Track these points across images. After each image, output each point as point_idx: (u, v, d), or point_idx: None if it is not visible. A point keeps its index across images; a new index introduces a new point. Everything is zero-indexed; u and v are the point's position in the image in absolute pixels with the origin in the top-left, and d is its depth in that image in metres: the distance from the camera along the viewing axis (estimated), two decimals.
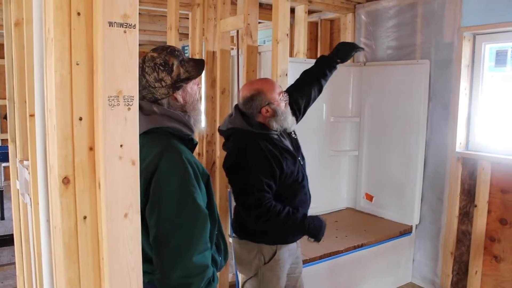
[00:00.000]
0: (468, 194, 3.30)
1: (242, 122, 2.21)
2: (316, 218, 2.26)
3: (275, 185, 2.19)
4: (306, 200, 2.38)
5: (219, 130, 2.40)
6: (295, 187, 2.30)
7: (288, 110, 2.27)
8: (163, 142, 1.50)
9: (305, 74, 2.62)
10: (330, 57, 2.61)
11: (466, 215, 3.33)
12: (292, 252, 2.39)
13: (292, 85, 2.60)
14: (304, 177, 2.36)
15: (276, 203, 2.18)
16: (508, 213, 3.09)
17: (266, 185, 2.15)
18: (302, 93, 2.53)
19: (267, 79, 2.35)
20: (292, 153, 2.28)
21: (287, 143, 2.33)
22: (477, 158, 3.21)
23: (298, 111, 2.52)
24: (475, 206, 3.23)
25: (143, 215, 1.41)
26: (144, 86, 1.53)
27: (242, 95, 2.25)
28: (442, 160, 3.40)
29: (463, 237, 3.35)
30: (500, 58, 3.14)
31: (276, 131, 2.25)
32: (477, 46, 3.24)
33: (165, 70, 1.53)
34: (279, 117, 2.20)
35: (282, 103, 2.22)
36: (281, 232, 2.28)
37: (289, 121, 2.25)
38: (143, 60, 1.54)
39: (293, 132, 2.40)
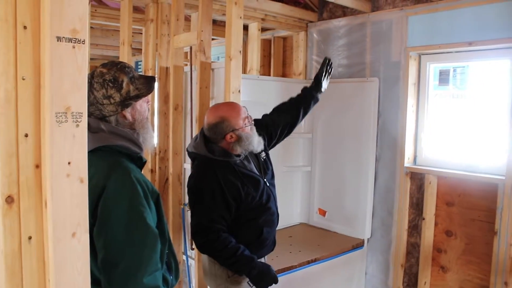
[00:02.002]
0: (417, 207, 3.40)
1: (204, 149, 2.23)
2: (265, 266, 2.26)
3: (230, 216, 2.21)
4: (272, 220, 2.40)
5: (187, 150, 2.41)
6: (259, 209, 2.32)
7: (254, 132, 2.29)
8: (111, 160, 1.45)
9: (290, 101, 2.71)
10: (310, 88, 2.75)
11: (415, 228, 3.43)
12: None
13: (275, 108, 2.68)
14: (270, 197, 2.38)
15: (227, 236, 2.18)
16: (453, 225, 3.22)
17: (218, 216, 2.17)
18: (280, 119, 2.61)
19: (232, 105, 2.35)
20: (254, 177, 2.30)
21: (252, 166, 2.36)
22: (424, 172, 3.33)
23: (274, 134, 2.59)
24: (423, 219, 3.34)
25: (91, 236, 1.37)
26: (91, 103, 1.48)
27: (207, 121, 2.26)
28: (392, 175, 3.50)
29: (413, 249, 3.45)
30: (443, 77, 3.29)
31: (239, 155, 2.27)
32: (422, 65, 3.39)
33: (114, 86, 1.49)
34: (243, 142, 2.22)
35: (247, 128, 2.24)
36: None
37: (254, 144, 2.27)
38: (92, 76, 1.50)
39: (263, 152, 2.43)
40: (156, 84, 3.39)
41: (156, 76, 3.44)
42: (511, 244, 2.83)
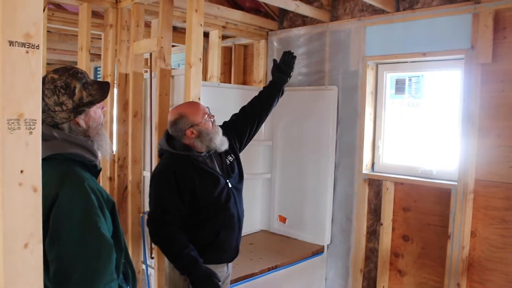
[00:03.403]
0: (375, 213, 3.48)
1: (166, 144, 2.33)
2: (208, 272, 2.20)
3: (184, 207, 2.25)
4: (231, 223, 2.40)
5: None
6: (217, 208, 2.34)
7: (216, 130, 2.36)
8: (64, 169, 1.41)
9: (254, 98, 2.79)
10: (272, 82, 2.80)
11: (373, 233, 3.50)
12: (221, 274, 2.39)
13: (243, 107, 2.75)
14: (231, 199, 2.39)
15: (178, 231, 2.22)
16: (410, 229, 3.31)
17: (172, 207, 2.22)
18: (247, 118, 2.69)
19: (192, 102, 2.47)
20: (214, 174, 2.35)
21: (214, 165, 2.40)
22: (381, 179, 3.41)
23: (244, 132, 2.65)
24: (381, 224, 3.41)
25: (43, 248, 1.32)
26: (43, 110, 1.43)
27: (168, 120, 2.35)
28: (350, 182, 3.56)
29: (371, 254, 3.52)
30: (399, 86, 3.40)
31: (202, 152, 2.33)
32: (379, 75, 3.48)
33: (66, 93, 1.45)
34: (203, 138, 2.29)
35: (207, 124, 2.31)
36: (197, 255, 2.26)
37: (216, 141, 2.33)
38: (43, 82, 1.45)
39: (229, 156, 2.49)
40: (115, 91, 3.34)
41: (115, 82, 3.39)
42: (463, 247, 2.94)
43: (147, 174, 3.28)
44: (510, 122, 2.79)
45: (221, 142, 2.36)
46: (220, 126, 2.48)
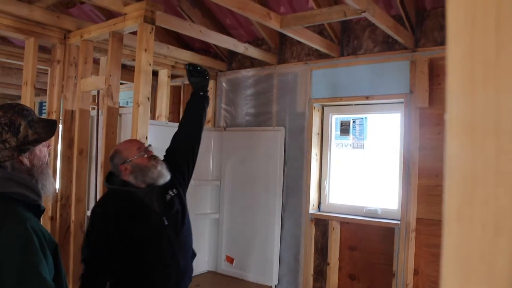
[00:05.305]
0: (321, 253, 3.51)
1: (106, 181, 2.32)
2: None
3: (113, 243, 2.17)
4: (163, 262, 2.24)
5: None
6: (147, 245, 2.22)
7: (154, 164, 2.25)
8: (4, 209, 1.34)
9: (182, 119, 2.75)
10: (194, 92, 2.71)
11: (320, 273, 3.52)
12: None
13: (175, 134, 2.66)
14: (163, 237, 2.24)
15: (94, 274, 2.18)
16: (356, 269, 3.35)
17: (102, 244, 2.17)
18: (184, 140, 2.63)
19: (128, 140, 2.45)
20: (148, 211, 2.24)
21: (152, 201, 2.26)
22: (328, 218, 3.46)
23: (187, 158, 2.59)
24: (328, 264, 3.44)
25: None
26: None
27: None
28: (298, 221, 3.59)
29: None
30: (344, 127, 3.51)
31: (139, 187, 2.24)
32: (325, 116, 3.59)
33: (10, 130, 1.40)
34: (137, 173, 2.22)
35: (140, 159, 2.23)
36: None
37: (152, 174, 2.23)
38: None
39: (170, 191, 2.34)
40: (60, 127, 3.25)
41: (60, 119, 3.31)
42: (407, 284, 3.00)
43: None
44: None
45: (158, 175, 2.25)
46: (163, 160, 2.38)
